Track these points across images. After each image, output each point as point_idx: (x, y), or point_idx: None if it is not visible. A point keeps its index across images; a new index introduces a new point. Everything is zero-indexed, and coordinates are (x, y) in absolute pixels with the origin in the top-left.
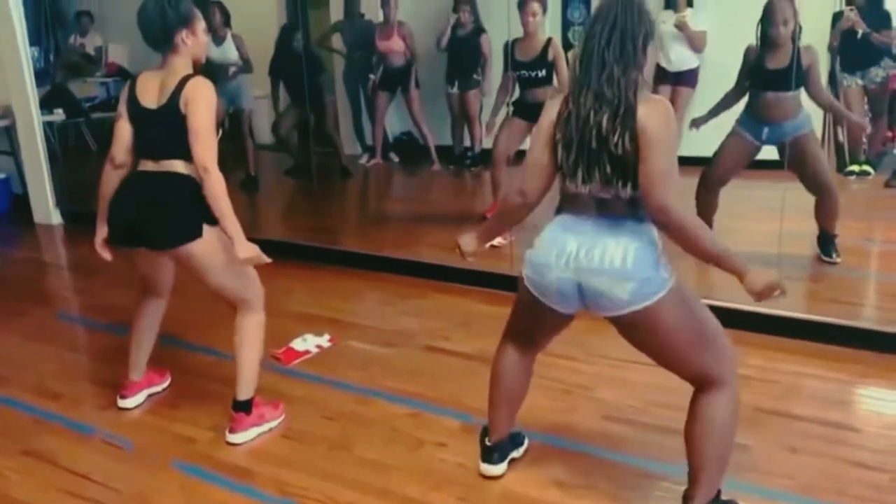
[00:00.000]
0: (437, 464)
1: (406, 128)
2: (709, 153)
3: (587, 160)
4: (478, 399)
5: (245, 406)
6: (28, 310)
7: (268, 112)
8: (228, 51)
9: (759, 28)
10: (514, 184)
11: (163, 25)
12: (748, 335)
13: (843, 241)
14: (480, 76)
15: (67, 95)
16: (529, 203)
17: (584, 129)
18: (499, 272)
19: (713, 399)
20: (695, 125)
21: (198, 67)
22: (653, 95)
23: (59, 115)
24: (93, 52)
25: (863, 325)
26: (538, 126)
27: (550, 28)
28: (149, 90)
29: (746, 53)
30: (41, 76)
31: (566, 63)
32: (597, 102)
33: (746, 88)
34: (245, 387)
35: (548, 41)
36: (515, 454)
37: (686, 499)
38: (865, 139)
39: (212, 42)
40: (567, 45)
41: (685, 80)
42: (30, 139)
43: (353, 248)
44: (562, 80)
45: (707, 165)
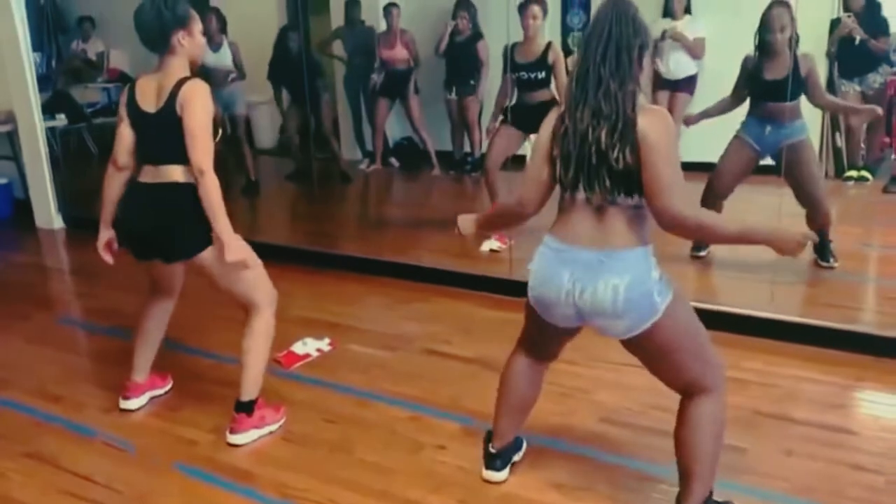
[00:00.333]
0: (437, 466)
1: (406, 133)
2: (708, 158)
3: (587, 175)
4: (478, 402)
5: (247, 407)
6: (30, 313)
7: (270, 117)
8: (225, 57)
9: (757, 37)
10: (514, 192)
11: (159, 26)
12: (747, 339)
13: (841, 246)
14: (477, 81)
15: (69, 101)
16: (527, 214)
17: (583, 145)
18: (499, 276)
19: (702, 403)
20: (686, 123)
21: (195, 69)
22: (651, 106)
23: (62, 121)
24: (94, 58)
25: (860, 329)
26: (537, 140)
27: (550, 34)
28: (147, 94)
29: (744, 63)
30: (43, 81)
31: (565, 68)
32: (594, 118)
33: (744, 97)
34: (249, 388)
35: (548, 45)
36: (516, 457)
37: (679, 500)
38: (864, 144)
39: (208, 48)
40: (567, 51)
41: (683, 87)
42: (32, 144)
43: (354, 253)
44: (560, 84)
45: (712, 176)
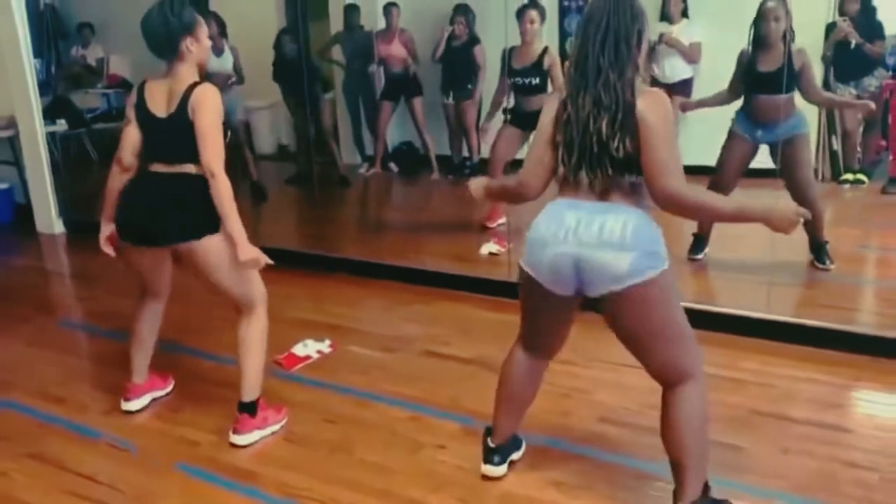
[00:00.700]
0: (437, 466)
1: (405, 137)
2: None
3: (589, 162)
4: (477, 402)
5: (250, 407)
6: (31, 317)
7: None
8: (227, 62)
9: (752, 30)
10: (518, 174)
11: (167, 34)
12: (744, 340)
13: (838, 248)
14: (474, 86)
15: (69, 106)
16: (527, 196)
17: (585, 134)
18: (497, 279)
19: (684, 393)
20: (682, 109)
21: (202, 73)
22: (650, 89)
23: (62, 126)
24: (94, 64)
25: (856, 330)
26: (539, 125)
27: (548, 38)
28: (157, 98)
29: (740, 57)
30: (43, 87)
31: (562, 72)
32: (595, 108)
33: (739, 92)
34: (250, 389)
35: (544, 50)
36: (515, 456)
37: (676, 497)
38: (859, 147)
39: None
40: (563, 56)
41: (679, 90)
42: (33, 150)
43: (354, 256)
44: (557, 89)
45: (713, 175)
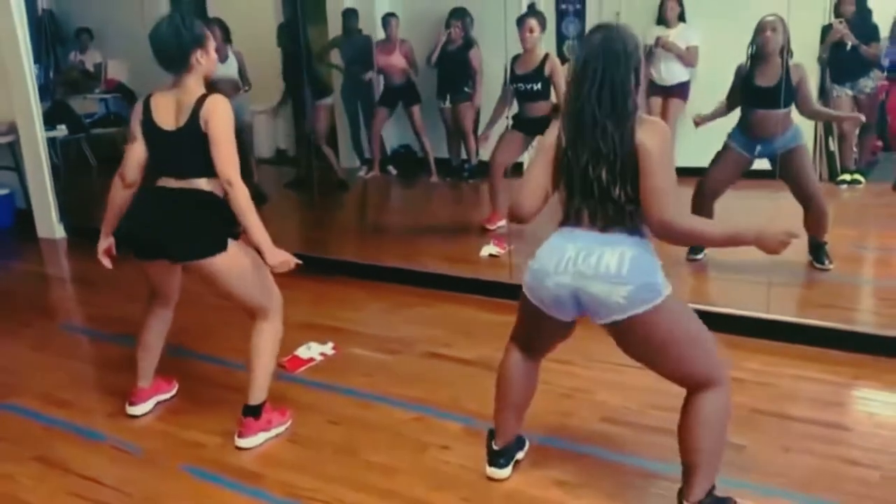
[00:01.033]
0: (441, 466)
1: (404, 140)
2: (701, 163)
3: (593, 206)
4: (479, 403)
5: (255, 411)
6: (33, 321)
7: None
8: (230, 67)
9: (751, 47)
10: (512, 195)
11: (178, 46)
12: (744, 340)
13: (836, 248)
14: (471, 89)
15: (68, 111)
16: (521, 218)
17: (585, 181)
18: (498, 281)
19: (706, 397)
20: (696, 124)
21: (207, 83)
22: (650, 118)
23: (62, 131)
24: (92, 69)
25: (856, 329)
26: (539, 146)
27: (545, 42)
28: (164, 111)
29: (737, 71)
30: (41, 92)
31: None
32: (593, 157)
33: (736, 105)
34: (257, 392)
35: (545, 56)
36: (519, 455)
37: (681, 496)
38: (856, 148)
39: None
40: (562, 59)
41: (676, 93)
42: (33, 155)
43: (355, 259)
44: (559, 94)
45: (702, 177)
